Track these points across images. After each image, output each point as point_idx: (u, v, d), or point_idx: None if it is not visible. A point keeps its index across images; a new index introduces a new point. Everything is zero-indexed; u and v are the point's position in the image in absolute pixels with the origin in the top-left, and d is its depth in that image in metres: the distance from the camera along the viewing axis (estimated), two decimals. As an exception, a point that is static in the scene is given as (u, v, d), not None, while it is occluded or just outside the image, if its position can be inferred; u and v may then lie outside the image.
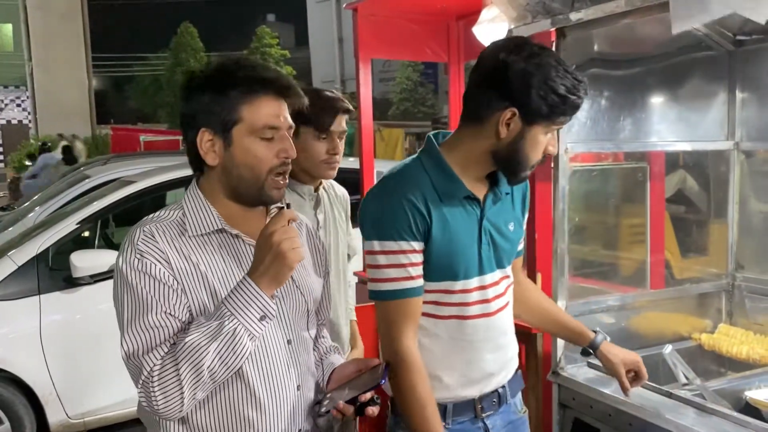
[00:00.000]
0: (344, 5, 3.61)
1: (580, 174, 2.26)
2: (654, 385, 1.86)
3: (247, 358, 1.27)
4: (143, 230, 1.32)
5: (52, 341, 3.53)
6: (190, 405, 1.25)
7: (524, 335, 2.12)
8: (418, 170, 1.51)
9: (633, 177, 2.58)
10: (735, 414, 1.67)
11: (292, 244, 1.25)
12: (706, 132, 2.40)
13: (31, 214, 5.47)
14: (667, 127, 2.32)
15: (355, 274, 3.28)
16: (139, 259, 1.29)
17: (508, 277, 1.61)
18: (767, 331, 2.22)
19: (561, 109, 1.43)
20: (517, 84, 1.41)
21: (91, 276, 3.59)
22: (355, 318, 2.59)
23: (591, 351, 1.73)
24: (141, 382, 1.25)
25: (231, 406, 1.33)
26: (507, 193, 1.58)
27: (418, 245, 1.47)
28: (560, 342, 2.04)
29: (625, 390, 1.70)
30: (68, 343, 3.55)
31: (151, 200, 4.34)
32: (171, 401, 1.23)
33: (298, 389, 1.39)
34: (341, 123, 2.15)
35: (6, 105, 24.38)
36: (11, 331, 3.54)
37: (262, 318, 1.26)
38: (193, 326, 1.26)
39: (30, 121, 22.12)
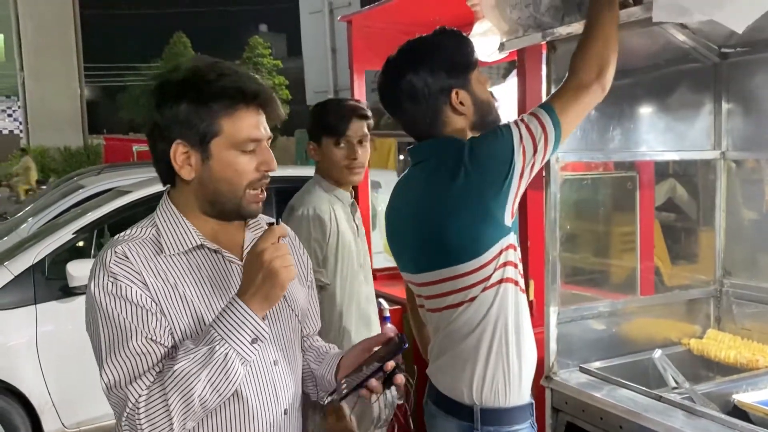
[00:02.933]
0: (338, 17, 3.66)
1: (570, 183, 2.31)
2: (644, 388, 1.90)
3: (240, 382, 1.20)
4: (115, 251, 1.22)
5: (48, 350, 3.55)
6: None
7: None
8: None
9: (623, 186, 2.63)
10: (723, 416, 1.71)
11: (284, 261, 1.18)
12: (693, 142, 2.45)
13: (24, 225, 5.47)
14: (656, 137, 2.37)
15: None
16: (113, 283, 1.19)
17: None
18: (754, 336, 2.26)
19: (465, 58, 1.67)
20: (437, 78, 1.63)
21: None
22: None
23: None
24: (126, 414, 1.15)
25: (227, 429, 1.25)
26: None
27: None
28: (553, 347, 2.08)
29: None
30: (64, 352, 3.56)
31: (146, 210, 4.33)
32: None
33: (285, 413, 1.32)
34: (358, 128, 2.22)
35: (-3, 115, 24.30)
36: (7, 340, 3.55)
37: (254, 341, 1.18)
38: (181, 352, 1.17)
39: (21, 132, 22.02)
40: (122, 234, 1.29)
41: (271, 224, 1.22)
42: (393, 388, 1.30)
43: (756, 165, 2.47)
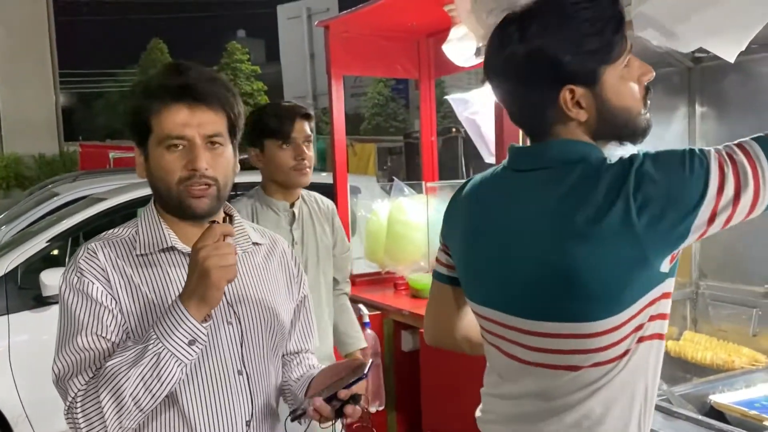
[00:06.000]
0: (315, 23, 3.66)
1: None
2: (623, 391, 1.90)
3: (175, 383, 1.17)
4: (88, 248, 1.26)
5: (21, 361, 3.48)
6: None
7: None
8: None
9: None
10: (700, 417, 1.72)
11: (221, 261, 1.13)
12: (668, 144, 2.47)
13: (-2, 233, 5.37)
14: (632, 140, 2.39)
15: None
16: (78, 278, 1.22)
17: None
18: (730, 337, 2.29)
19: (604, 38, 1.11)
20: (546, 61, 1.12)
21: (62, 294, 3.54)
22: (364, 345, 2.46)
23: None
24: (66, 407, 1.17)
25: None
26: None
27: None
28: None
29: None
30: (38, 363, 3.46)
31: (122, 217, 4.30)
32: (94, 430, 1.15)
33: (247, 425, 1.30)
34: (302, 129, 2.17)
35: (-30, 122, 23.88)
36: (-21, 351, 3.48)
37: (191, 343, 1.15)
38: (118, 350, 1.17)
39: (-5, 139, 21.68)
40: (105, 231, 1.32)
41: (213, 222, 1.20)
42: (342, 419, 1.24)
43: (729, 168, 2.50)
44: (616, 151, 1.19)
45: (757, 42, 2.13)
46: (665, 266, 1.10)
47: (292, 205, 2.21)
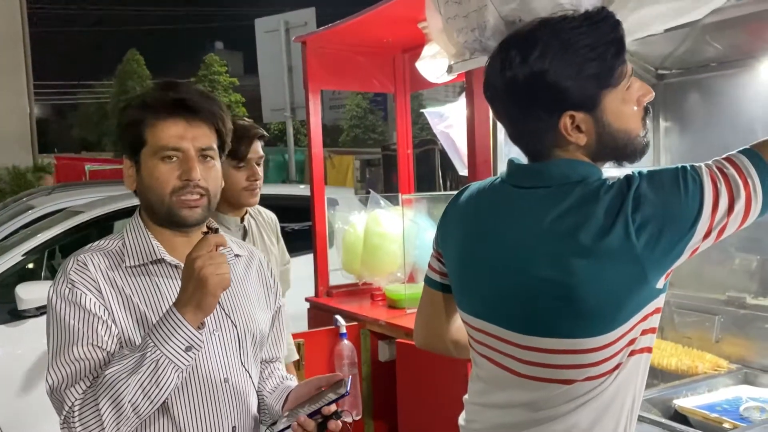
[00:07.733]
0: (293, 38, 3.71)
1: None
2: (591, 396, 1.96)
3: (172, 389, 1.20)
4: (77, 259, 1.28)
5: (-4, 376, 3.45)
6: None
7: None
8: None
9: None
10: (664, 421, 1.78)
11: (216, 270, 1.18)
12: (634, 158, 2.56)
13: (-29, 247, 5.30)
14: (599, 154, 2.46)
15: (307, 299, 3.33)
16: (69, 289, 1.24)
17: None
18: (694, 344, 2.36)
19: (605, 64, 1.13)
20: (547, 86, 1.13)
21: (37, 308, 3.52)
22: (296, 357, 2.53)
23: None
24: (63, 417, 1.18)
25: None
26: None
27: None
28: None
29: None
30: (13, 377, 3.47)
31: (99, 231, 4.29)
32: None
33: (233, 430, 1.34)
34: (257, 150, 2.17)
35: (-59, 134, 23.44)
36: (-47, 366, 3.44)
37: (188, 349, 1.19)
38: (116, 358, 1.20)
39: (-33, 151, 21.33)
40: (91, 243, 1.34)
41: (206, 233, 1.24)
42: None
43: (693, 180, 2.59)
44: (612, 171, 1.21)
45: (716, 60, 2.26)
46: (660, 283, 1.13)
47: (242, 220, 2.22)
